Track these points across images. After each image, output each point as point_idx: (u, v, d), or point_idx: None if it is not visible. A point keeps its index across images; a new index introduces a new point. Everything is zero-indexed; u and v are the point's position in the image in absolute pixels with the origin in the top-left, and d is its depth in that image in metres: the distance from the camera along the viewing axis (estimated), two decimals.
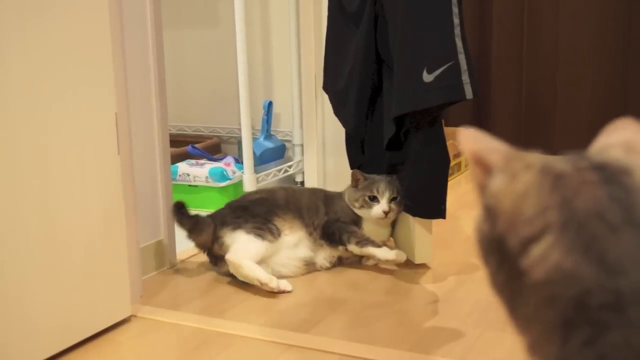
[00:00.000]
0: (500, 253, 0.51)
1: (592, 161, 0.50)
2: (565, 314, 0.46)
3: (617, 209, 0.47)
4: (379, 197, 2.11)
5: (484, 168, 0.53)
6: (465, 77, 1.89)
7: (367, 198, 2.12)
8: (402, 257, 2.11)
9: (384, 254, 2.05)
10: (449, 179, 3.13)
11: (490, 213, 0.52)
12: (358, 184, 2.16)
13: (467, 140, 0.54)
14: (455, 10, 1.90)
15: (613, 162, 0.50)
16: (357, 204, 2.14)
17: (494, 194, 0.52)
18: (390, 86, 2.06)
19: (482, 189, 0.54)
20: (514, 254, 0.49)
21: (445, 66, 1.89)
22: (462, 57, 1.89)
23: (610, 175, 0.49)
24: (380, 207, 2.11)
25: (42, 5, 1.54)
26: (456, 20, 1.90)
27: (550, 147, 3.38)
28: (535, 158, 0.52)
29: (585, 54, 3.21)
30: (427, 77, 1.90)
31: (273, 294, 1.96)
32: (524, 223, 0.49)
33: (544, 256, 0.47)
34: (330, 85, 2.31)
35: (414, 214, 2.11)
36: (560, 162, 0.51)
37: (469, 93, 1.89)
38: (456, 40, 1.89)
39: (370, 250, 2.07)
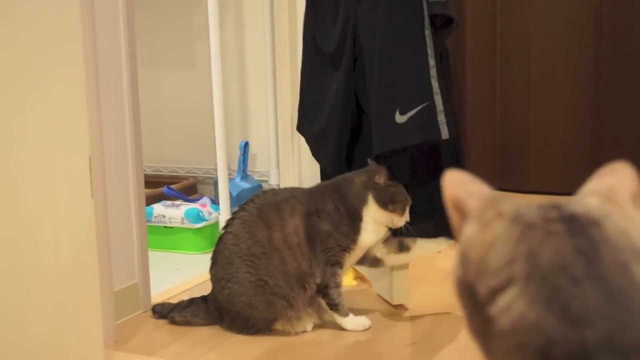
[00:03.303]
0: (473, 299, 0.52)
1: (563, 212, 0.51)
2: None
3: (581, 261, 0.48)
4: (407, 207, 1.96)
5: (461, 213, 0.54)
6: (441, 118, 1.90)
7: (403, 205, 1.93)
8: (367, 325, 1.98)
9: (347, 324, 1.96)
10: None
11: (463, 259, 0.53)
12: (384, 182, 1.94)
13: (449, 185, 0.55)
14: (430, 51, 1.92)
15: (584, 213, 0.51)
16: (390, 206, 1.93)
17: (465, 241, 0.53)
18: (369, 128, 2.07)
19: (459, 233, 0.54)
20: (483, 302, 0.50)
21: (420, 107, 1.90)
22: (437, 98, 1.91)
23: (577, 227, 0.50)
24: (405, 218, 1.96)
25: (16, 42, 1.53)
26: (431, 62, 1.92)
27: (525, 186, 3.35)
28: (510, 206, 0.53)
29: (557, 93, 3.27)
30: (400, 118, 1.91)
31: (247, 339, 1.94)
32: (490, 273, 0.50)
33: (508, 307, 0.48)
34: (308, 126, 2.32)
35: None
36: (532, 212, 0.52)
37: (444, 133, 1.90)
38: (432, 81, 1.91)
39: (336, 317, 1.96)
